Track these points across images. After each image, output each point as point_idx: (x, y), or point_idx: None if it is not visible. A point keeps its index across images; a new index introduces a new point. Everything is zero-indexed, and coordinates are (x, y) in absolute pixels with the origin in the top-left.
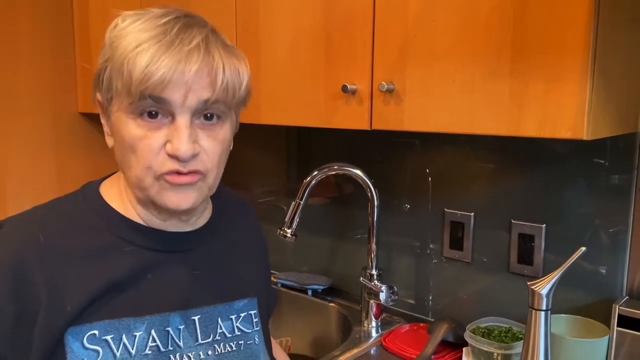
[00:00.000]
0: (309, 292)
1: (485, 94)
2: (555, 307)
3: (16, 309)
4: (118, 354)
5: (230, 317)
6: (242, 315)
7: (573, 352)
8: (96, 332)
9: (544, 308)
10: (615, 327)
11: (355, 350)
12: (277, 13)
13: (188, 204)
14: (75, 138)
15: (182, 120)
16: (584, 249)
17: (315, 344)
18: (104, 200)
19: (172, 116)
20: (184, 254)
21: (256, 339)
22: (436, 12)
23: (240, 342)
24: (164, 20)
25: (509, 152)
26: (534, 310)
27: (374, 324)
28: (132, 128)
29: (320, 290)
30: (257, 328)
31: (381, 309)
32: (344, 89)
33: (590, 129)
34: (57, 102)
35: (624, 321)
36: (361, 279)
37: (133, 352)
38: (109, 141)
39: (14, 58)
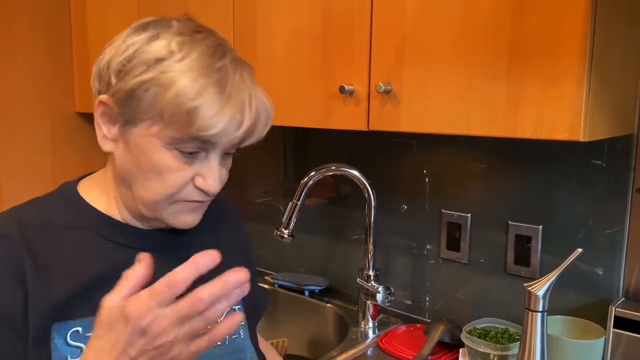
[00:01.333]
0: (306, 293)
1: (482, 95)
2: (552, 308)
3: (23, 293)
4: None
5: None
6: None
7: (569, 353)
8: (79, 329)
9: (541, 309)
10: (612, 329)
11: (352, 351)
12: (275, 13)
13: (196, 223)
14: (71, 138)
15: (216, 159)
16: (580, 250)
17: (312, 344)
18: (84, 199)
19: (206, 152)
20: (166, 252)
21: (241, 333)
22: (434, 13)
23: (225, 337)
24: (221, 63)
25: (506, 153)
26: (530, 312)
27: (370, 324)
28: (167, 158)
29: (317, 291)
30: (243, 323)
31: (378, 309)
32: (342, 89)
33: (587, 130)
34: (54, 102)
35: (620, 322)
36: (358, 279)
37: None
38: (106, 145)
39: (11, 58)
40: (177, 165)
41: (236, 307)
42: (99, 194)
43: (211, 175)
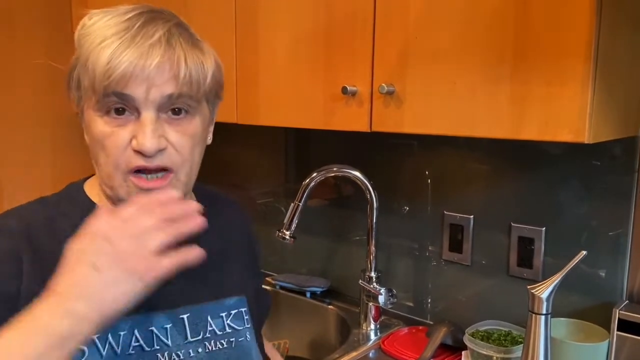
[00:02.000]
0: (308, 294)
1: (486, 97)
2: (555, 311)
3: (16, 287)
4: (104, 353)
5: (221, 314)
6: (233, 312)
7: (573, 356)
8: None
9: (544, 312)
10: (615, 331)
11: (354, 353)
12: (277, 14)
13: None
14: (72, 138)
15: (147, 115)
16: (584, 252)
17: (314, 346)
18: (88, 197)
19: (137, 112)
20: None
21: (247, 336)
22: (437, 13)
23: (231, 340)
24: (128, 16)
25: (509, 154)
26: (534, 314)
27: (372, 326)
28: (100, 125)
29: (318, 293)
30: (249, 325)
31: (380, 311)
32: (344, 90)
33: (592, 132)
34: (55, 102)
35: (624, 325)
36: (360, 281)
37: (118, 351)
38: (86, 139)
39: (11, 58)
40: (110, 130)
41: (243, 310)
42: (96, 193)
43: (141, 132)
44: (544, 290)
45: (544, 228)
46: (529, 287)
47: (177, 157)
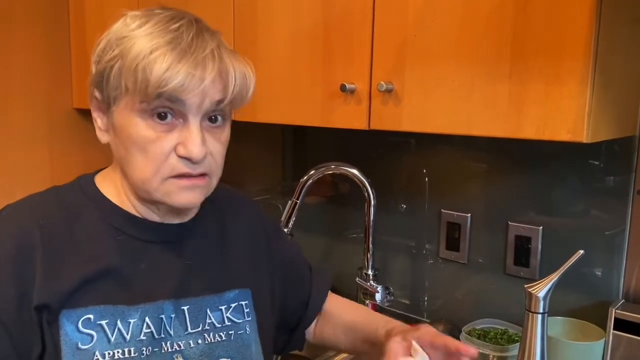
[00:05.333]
0: None
1: (484, 96)
2: (551, 309)
3: (18, 291)
4: (112, 339)
5: (220, 307)
6: (233, 305)
7: (569, 355)
8: (91, 316)
9: (541, 311)
10: (611, 330)
11: None
12: (275, 11)
13: (196, 202)
14: (69, 133)
15: (195, 122)
16: (582, 252)
17: (310, 343)
18: (100, 191)
19: (183, 118)
20: (175, 245)
21: (247, 328)
22: (436, 12)
23: (230, 332)
24: (176, 25)
25: (506, 153)
26: (530, 313)
27: None
28: (143, 129)
29: None
30: (249, 318)
31: (377, 309)
32: (343, 88)
33: (590, 131)
34: (52, 98)
35: (620, 324)
36: (357, 279)
37: (128, 337)
38: (103, 137)
39: (8, 53)
40: (154, 134)
41: (243, 303)
42: (110, 187)
43: (191, 140)
44: (541, 289)
45: (541, 227)
46: (526, 285)
47: (214, 163)
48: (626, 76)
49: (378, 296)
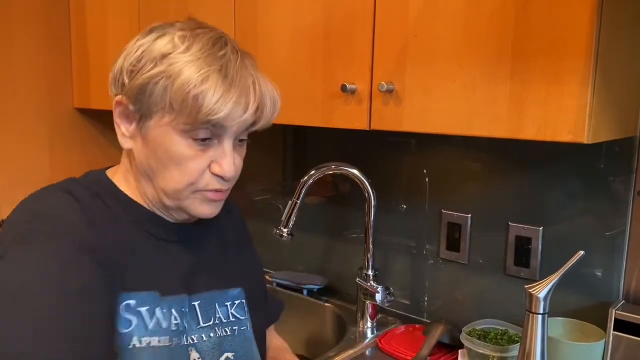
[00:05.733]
0: (305, 292)
1: (485, 96)
2: (551, 310)
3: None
4: (150, 326)
5: (226, 303)
6: (237, 302)
7: (569, 356)
8: (132, 302)
9: (541, 311)
10: (612, 331)
11: (350, 351)
12: (276, 11)
13: (216, 213)
14: (70, 133)
15: (229, 144)
16: (582, 252)
17: (310, 344)
18: (119, 188)
19: (218, 139)
20: (185, 244)
21: (248, 326)
22: (437, 12)
23: (234, 328)
24: (222, 52)
25: (507, 153)
26: (530, 314)
27: (369, 324)
28: (182, 147)
29: (315, 290)
30: (247, 316)
31: (377, 309)
32: (343, 88)
33: (591, 132)
34: (53, 98)
35: (620, 325)
36: (357, 279)
37: (164, 325)
38: (126, 143)
39: (9, 53)
40: (192, 153)
41: (243, 301)
42: (124, 186)
43: (226, 160)
44: (542, 290)
45: (542, 227)
46: (526, 286)
47: (236, 176)
48: (627, 77)
49: (378, 296)
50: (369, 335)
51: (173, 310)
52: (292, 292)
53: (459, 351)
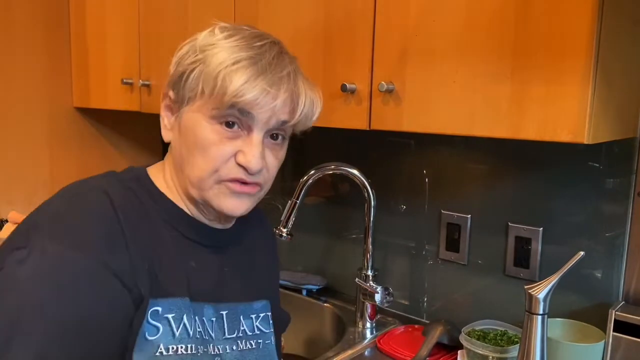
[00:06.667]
0: (304, 292)
1: (485, 96)
2: (551, 311)
3: (129, 256)
4: (177, 334)
5: (251, 316)
6: (262, 315)
7: (569, 357)
8: (159, 308)
9: (541, 312)
10: (611, 332)
11: (350, 352)
12: (277, 11)
13: (241, 211)
14: (69, 133)
15: (258, 136)
16: (582, 253)
17: (309, 344)
18: (156, 186)
19: (248, 130)
20: (217, 250)
21: (272, 339)
22: (438, 12)
23: (259, 341)
24: (260, 43)
25: (507, 154)
26: (530, 314)
27: (368, 325)
28: (208, 132)
29: (314, 290)
30: (272, 330)
31: (376, 310)
32: (343, 88)
33: (591, 133)
34: (52, 97)
35: (619, 326)
36: (356, 279)
37: (191, 333)
38: (167, 135)
39: (9, 53)
40: (218, 139)
41: (269, 314)
42: (162, 183)
43: (250, 151)
44: (541, 291)
45: (541, 228)
46: (526, 287)
47: (268, 177)
48: (627, 78)
49: (377, 297)
50: (368, 335)
51: (201, 318)
52: (291, 292)
53: (458, 352)
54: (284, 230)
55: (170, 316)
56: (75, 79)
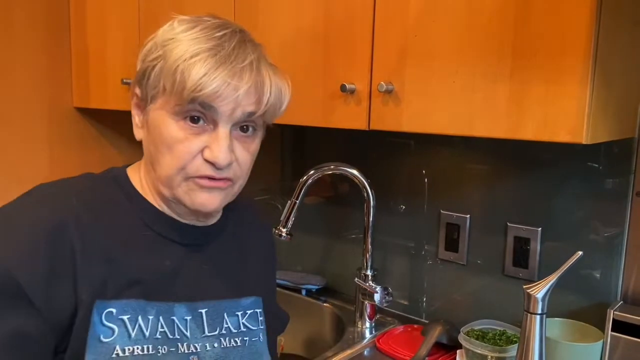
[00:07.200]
0: (303, 292)
1: (485, 96)
2: (550, 311)
3: (51, 264)
4: (133, 335)
5: (237, 313)
6: (249, 312)
7: (567, 356)
8: (114, 310)
9: (540, 312)
10: (610, 332)
11: (349, 351)
12: (276, 11)
13: (213, 206)
14: (69, 133)
15: (224, 130)
16: (580, 253)
17: (309, 344)
18: (132, 185)
19: (214, 124)
20: (197, 248)
21: (261, 337)
22: (437, 12)
23: (245, 339)
24: (220, 33)
25: (506, 154)
26: (529, 314)
27: (367, 324)
28: (174, 129)
29: (314, 290)
30: (262, 327)
31: (375, 309)
32: (343, 88)
33: (590, 133)
34: (52, 97)
35: (618, 326)
36: (356, 279)
37: (147, 334)
38: (138, 133)
39: (9, 52)
40: (183, 135)
41: (258, 311)
42: (137, 182)
43: (217, 146)
44: (540, 290)
45: (540, 228)
46: (524, 286)
47: (239, 171)
48: (626, 78)
49: (377, 297)
50: (368, 335)
51: (161, 318)
52: (291, 292)
53: (457, 351)
54: (284, 230)
55: (125, 317)
56: (75, 79)
